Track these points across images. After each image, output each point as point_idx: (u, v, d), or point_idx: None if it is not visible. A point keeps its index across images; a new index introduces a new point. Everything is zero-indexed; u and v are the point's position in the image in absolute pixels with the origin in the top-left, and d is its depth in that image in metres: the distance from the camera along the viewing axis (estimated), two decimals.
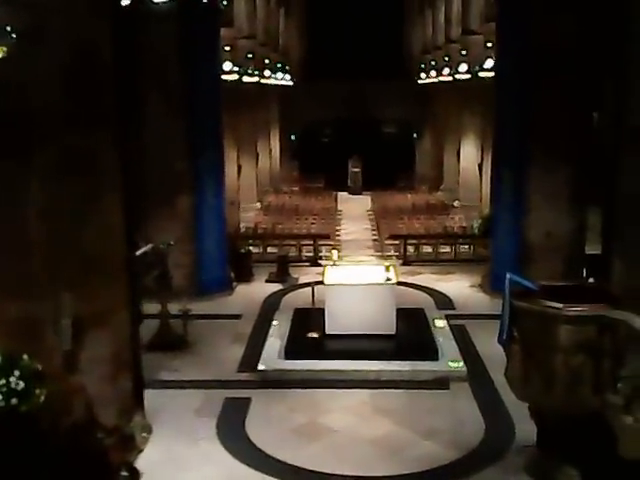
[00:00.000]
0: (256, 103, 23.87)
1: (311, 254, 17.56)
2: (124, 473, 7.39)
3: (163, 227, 13.81)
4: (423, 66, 30.65)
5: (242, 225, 19.61)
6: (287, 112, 32.47)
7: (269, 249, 18.06)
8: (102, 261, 7.58)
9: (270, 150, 28.47)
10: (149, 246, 11.39)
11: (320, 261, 17.05)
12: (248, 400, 9.60)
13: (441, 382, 10.04)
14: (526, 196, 13.72)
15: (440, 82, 26.47)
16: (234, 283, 15.13)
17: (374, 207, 24.35)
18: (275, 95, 30.30)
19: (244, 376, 10.46)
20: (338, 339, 11.02)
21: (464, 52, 20.77)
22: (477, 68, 17.43)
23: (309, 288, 11.73)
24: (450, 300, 14.21)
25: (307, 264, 17.10)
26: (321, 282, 11.52)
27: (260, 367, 10.42)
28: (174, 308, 11.73)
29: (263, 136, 26.63)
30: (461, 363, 10.34)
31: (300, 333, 11.39)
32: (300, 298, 13.66)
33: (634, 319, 6.84)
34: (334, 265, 12.02)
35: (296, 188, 30.62)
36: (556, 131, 13.29)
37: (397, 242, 17.70)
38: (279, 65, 28.20)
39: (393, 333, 11.10)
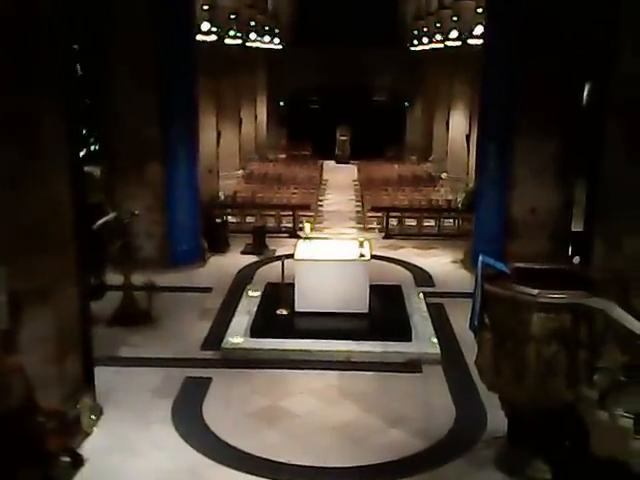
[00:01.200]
0: (240, 67, 23.07)
1: (290, 225, 17.00)
2: (65, 459, 6.92)
3: (133, 195, 13.28)
4: (415, 33, 29.79)
5: (221, 193, 19.00)
6: (275, 77, 31.66)
7: (248, 219, 17.54)
8: (44, 232, 7.03)
9: (256, 116, 27.72)
10: (111, 215, 10.88)
11: (299, 232, 16.56)
12: (209, 380, 9.12)
13: (413, 365, 9.58)
14: (511, 170, 13.18)
15: (432, 49, 25.72)
16: (207, 254, 14.60)
17: (360, 177, 23.73)
18: (262, 59, 29.47)
19: (207, 354, 9.97)
20: (308, 317, 10.53)
21: (455, 18, 20.02)
22: (467, 34, 16.71)
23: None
24: (430, 277, 13.72)
25: (286, 235, 16.56)
26: (291, 256, 10.99)
27: (224, 345, 9.93)
28: (143, 280, 11.18)
29: (248, 102, 25.88)
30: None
31: (269, 309, 10.89)
32: (274, 271, 12.99)
33: (612, 308, 6.35)
34: (306, 239, 11.48)
35: (283, 156, 30.03)
36: (544, 102, 12.71)
37: (380, 215, 17.15)
38: (267, 28, 27.32)
39: (366, 312, 10.61)
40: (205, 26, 15.55)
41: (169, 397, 8.65)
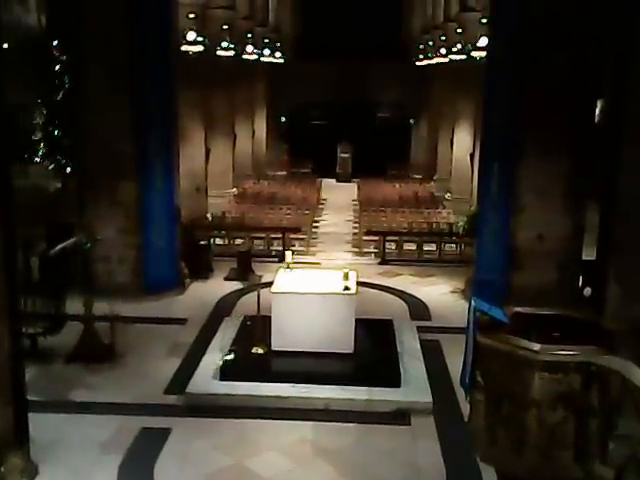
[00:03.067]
0: (236, 80, 22.10)
1: (281, 249, 15.91)
2: None
3: (103, 216, 12.29)
4: (421, 47, 28.80)
5: (209, 214, 17.96)
6: (276, 92, 30.74)
7: (237, 241, 16.50)
8: None
9: (254, 132, 26.73)
10: (70, 241, 9.82)
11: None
12: (167, 432, 8.02)
13: (401, 416, 8.44)
14: (516, 192, 12.07)
15: (437, 64, 24.71)
16: (187, 280, 13.53)
17: (359, 197, 22.65)
18: (262, 73, 28.53)
19: (170, 399, 8.86)
20: (285, 357, 9.43)
21: (460, 30, 19.00)
22: (470, 47, 15.68)
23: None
24: (426, 308, 12.59)
25: (275, 260, 15.45)
26: (269, 284, 9.93)
27: (189, 390, 8.82)
28: (107, 310, 10.11)
29: (245, 117, 24.91)
30: None
31: (244, 347, 9.79)
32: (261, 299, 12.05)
33: (631, 369, 5.22)
34: (287, 267, 10.39)
35: (282, 173, 29.00)
36: (552, 119, 11.65)
37: (376, 238, 16.05)
38: (266, 41, 26.43)
39: (350, 352, 9.49)
40: (191, 35, 14.57)
41: (119, 453, 7.56)
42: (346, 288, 9.57)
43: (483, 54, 14.71)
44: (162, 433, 7.98)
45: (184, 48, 14.94)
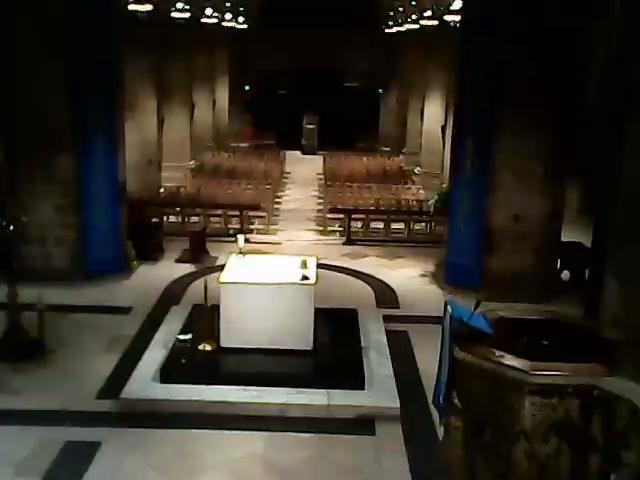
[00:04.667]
0: (194, 46, 20.70)
1: (238, 227, 14.82)
2: None
3: (38, 193, 11.07)
4: (391, 14, 27.53)
5: (162, 189, 16.74)
6: (239, 59, 29.34)
7: (193, 219, 15.33)
8: None
9: (214, 101, 25.34)
10: None
11: (249, 236, 14.38)
12: (96, 446, 6.95)
13: (365, 423, 7.48)
14: (491, 169, 11.13)
15: (407, 31, 23.53)
16: (134, 263, 12.38)
17: (325, 171, 21.53)
18: (224, 39, 27.07)
19: (103, 405, 7.78)
20: (235, 355, 8.38)
21: None
22: (443, 10, 14.56)
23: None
24: (394, 294, 11.62)
25: (233, 240, 14.30)
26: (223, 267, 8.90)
27: (124, 395, 7.74)
28: (47, 297, 8.95)
29: (204, 85, 23.50)
30: None
31: (190, 343, 8.72)
32: (212, 286, 10.96)
33: None
34: (240, 254, 9.32)
35: (245, 145, 27.71)
36: (533, 91, 10.70)
37: (341, 216, 15.01)
38: (228, 4, 24.92)
39: (309, 349, 8.47)
40: None
41: (36, 475, 6.48)
42: (304, 277, 8.51)
43: (457, 18, 13.62)
44: (89, 449, 6.91)
45: (131, 7, 13.58)
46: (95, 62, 11.00)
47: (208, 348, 8.53)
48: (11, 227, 8.54)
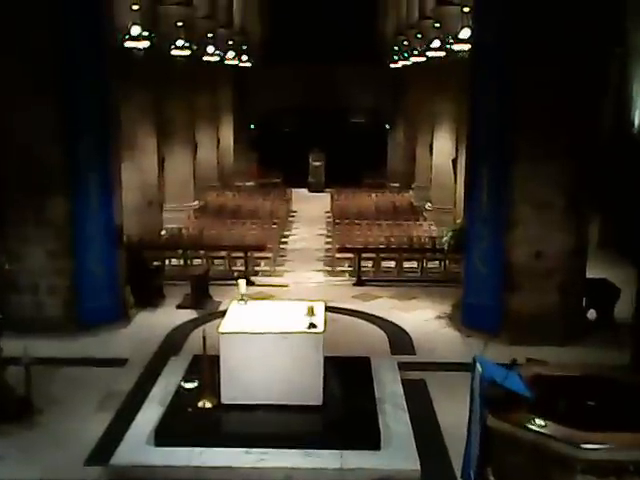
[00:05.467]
0: (196, 83, 20.27)
1: (243, 269, 14.14)
2: None
3: (29, 238, 10.48)
4: (396, 49, 27.19)
5: (164, 231, 16.13)
6: (244, 97, 28.97)
7: (196, 262, 14.66)
8: None
9: (219, 140, 24.89)
10: None
11: (254, 279, 13.74)
12: None
13: None
14: (509, 203, 10.45)
15: (413, 65, 23.09)
16: (133, 310, 11.70)
17: (333, 208, 20.90)
18: (228, 77, 26.73)
19: (92, 473, 7.04)
20: (237, 413, 7.66)
21: (438, 25, 17.36)
22: (451, 39, 14.06)
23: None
24: (409, 339, 10.87)
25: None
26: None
27: (114, 461, 7.00)
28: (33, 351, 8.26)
29: (207, 123, 23.06)
30: None
31: (189, 399, 7.99)
32: (215, 334, 10.26)
33: None
34: (241, 300, 8.63)
35: (251, 184, 27.19)
36: (549, 117, 10.11)
37: (351, 255, 14.33)
38: (230, 43, 24.66)
39: (319, 404, 7.73)
40: (135, 30, 12.77)
41: None
42: (312, 325, 7.80)
43: (466, 47, 13.09)
44: None
45: (129, 44, 13.13)
46: (87, 99, 10.48)
47: (208, 405, 7.80)
48: None
